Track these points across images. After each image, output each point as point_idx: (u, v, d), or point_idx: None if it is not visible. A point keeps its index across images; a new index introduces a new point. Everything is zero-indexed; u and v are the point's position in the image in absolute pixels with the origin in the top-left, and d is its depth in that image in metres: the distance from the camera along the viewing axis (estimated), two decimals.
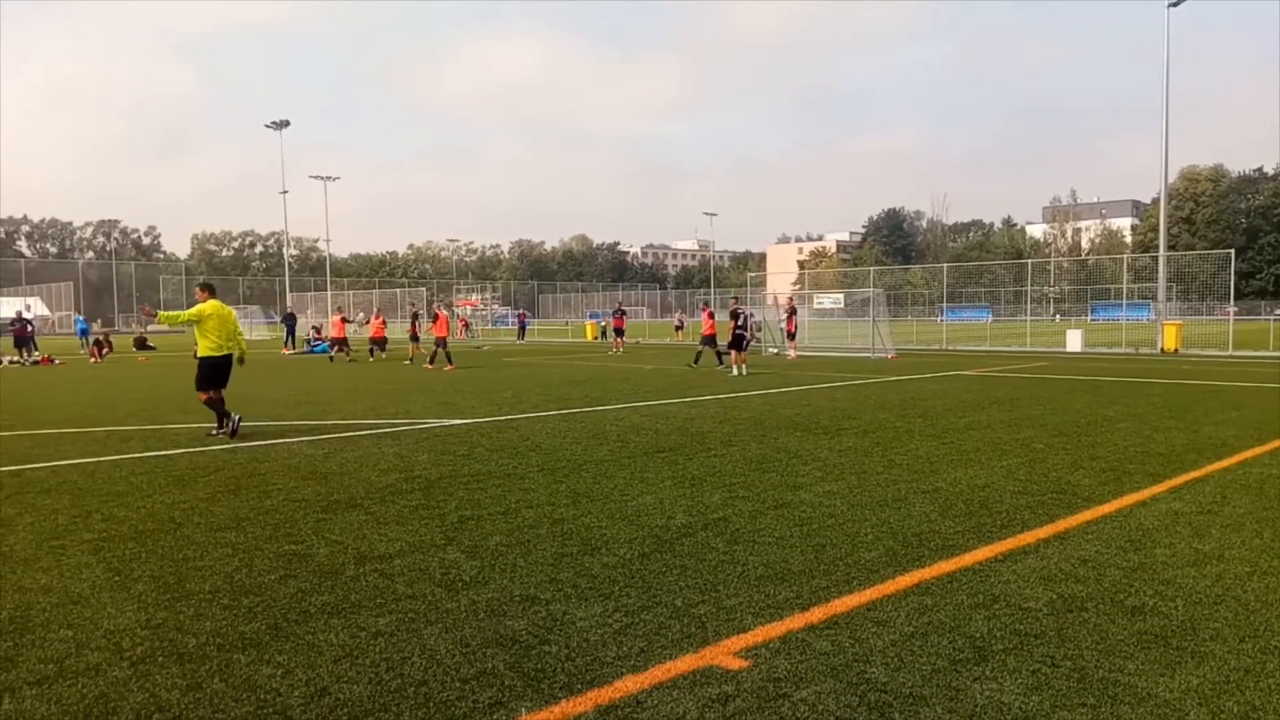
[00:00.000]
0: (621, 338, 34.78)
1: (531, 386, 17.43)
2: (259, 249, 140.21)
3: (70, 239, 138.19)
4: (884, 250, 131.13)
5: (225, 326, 10.96)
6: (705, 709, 3.28)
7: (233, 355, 11.01)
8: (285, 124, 66.48)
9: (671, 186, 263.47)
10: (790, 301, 31.07)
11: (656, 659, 3.74)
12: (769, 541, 5.56)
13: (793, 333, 28.33)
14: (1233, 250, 40.76)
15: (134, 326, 63.54)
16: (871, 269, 54.84)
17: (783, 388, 16.65)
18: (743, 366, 20.60)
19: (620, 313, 35.88)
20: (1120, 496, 6.78)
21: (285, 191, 71.57)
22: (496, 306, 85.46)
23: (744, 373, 20.11)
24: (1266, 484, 7.21)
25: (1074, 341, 31.03)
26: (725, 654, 3.78)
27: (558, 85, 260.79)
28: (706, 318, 23.63)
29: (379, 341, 28.85)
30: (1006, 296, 76.67)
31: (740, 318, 21.30)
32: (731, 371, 20.36)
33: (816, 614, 4.25)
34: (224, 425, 10.48)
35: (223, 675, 3.62)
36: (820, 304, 50.82)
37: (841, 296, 52.34)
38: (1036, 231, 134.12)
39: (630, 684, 3.50)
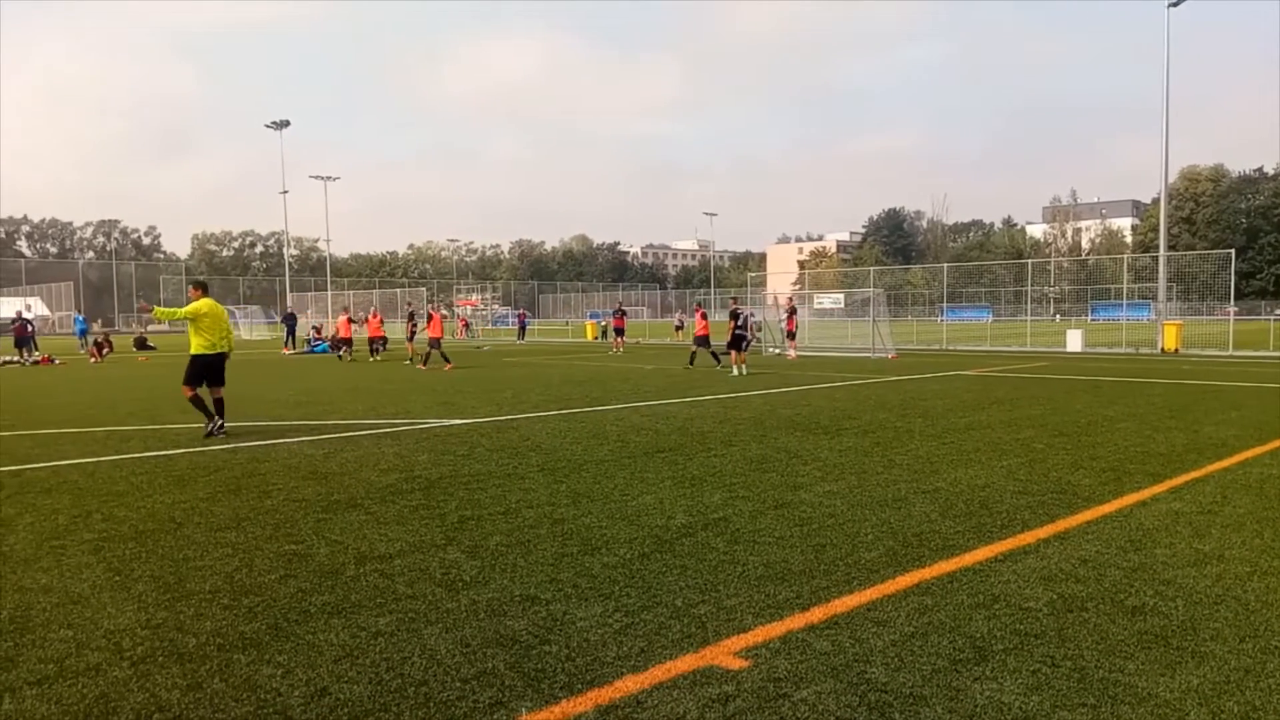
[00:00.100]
0: (622, 338, 34.78)
1: (532, 386, 17.43)
2: (259, 249, 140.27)
3: (70, 239, 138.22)
4: (884, 250, 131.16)
5: (219, 325, 11.04)
6: (705, 709, 3.28)
7: (225, 354, 11.09)
8: (285, 124, 66.65)
9: (671, 186, 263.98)
10: (790, 301, 31.08)
11: (657, 659, 3.74)
12: (769, 541, 5.56)
13: (793, 333, 28.35)
14: (1233, 250, 40.78)
15: (134, 326, 63.52)
16: (871, 269, 54.79)
17: (783, 388, 16.64)
18: (743, 366, 20.59)
19: (620, 313, 35.88)
20: (1120, 496, 6.78)
21: (285, 191, 71.87)
22: (497, 306, 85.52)
23: (744, 373, 20.11)
24: (1267, 484, 7.21)
25: (1074, 341, 31.03)
26: (725, 654, 3.78)
27: (558, 85, 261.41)
28: (700, 318, 23.73)
29: (379, 341, 28.91)
30: (1007, 296, 76.62)
31: (740, 318, 21.28)
32: (731, 371, 20.35)
33: (817, 614, 4.24)
34: (213, 421, 10.62)
35: (223, 675, 3.62)
36: (820, 304, 50.80)
37: (841, 296, 52.34)
38: (1036, 231, 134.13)
39: (630, 684, 3.50)
